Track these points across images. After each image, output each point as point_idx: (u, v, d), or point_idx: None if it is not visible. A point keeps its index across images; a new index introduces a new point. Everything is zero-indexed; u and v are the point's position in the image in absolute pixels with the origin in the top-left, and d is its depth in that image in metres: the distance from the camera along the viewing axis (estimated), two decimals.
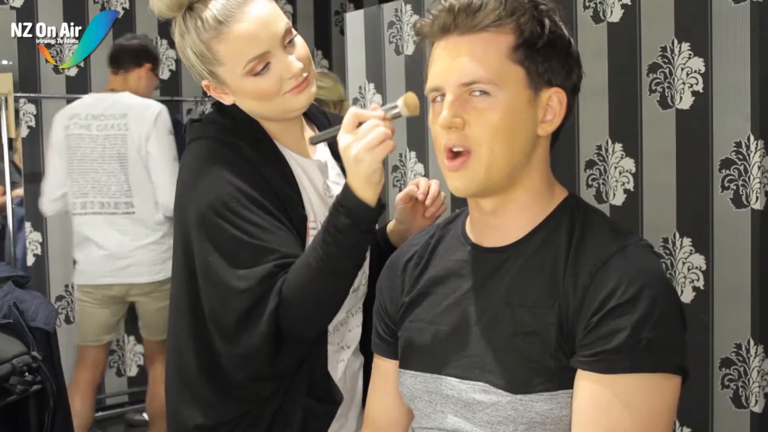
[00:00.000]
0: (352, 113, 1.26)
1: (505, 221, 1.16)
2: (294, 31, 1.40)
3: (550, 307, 1.08)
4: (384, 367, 1.29)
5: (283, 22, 1.38)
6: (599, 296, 1.04)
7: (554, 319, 1.07)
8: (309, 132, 1.53)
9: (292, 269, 1.31)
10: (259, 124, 1.43)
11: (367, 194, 1.26)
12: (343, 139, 1.26)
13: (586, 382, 1.03)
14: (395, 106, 1.25)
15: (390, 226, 1.61)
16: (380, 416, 1.30)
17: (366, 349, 1.52)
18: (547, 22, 1.09)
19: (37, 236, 4.23)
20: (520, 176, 1.13)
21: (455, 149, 1.10)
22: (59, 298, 4.29)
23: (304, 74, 1.39)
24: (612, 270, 1.05)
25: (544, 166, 1.16)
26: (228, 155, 1.36)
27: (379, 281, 1.32)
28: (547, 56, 1.09)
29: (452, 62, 1.09)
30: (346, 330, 1.54)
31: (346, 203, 1.27)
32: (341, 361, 1.50)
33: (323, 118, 1.59)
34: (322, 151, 1.53)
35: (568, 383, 1.06)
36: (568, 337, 1.06)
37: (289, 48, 1.38)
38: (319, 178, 1.47)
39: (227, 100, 1.42)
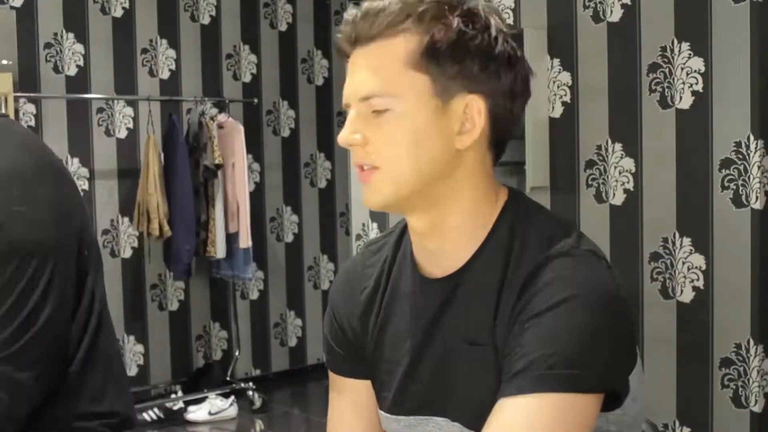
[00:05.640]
0: None
1: (443, 246, 1.06)
2: None
3: (496, 337, 1.00)
4: (356, 389, 1.19)
5: None
6: (523, 317, 0.97)
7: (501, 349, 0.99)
8: None
9: None
10: None
11: None
12: None
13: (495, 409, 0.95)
14: None
15: None
16: None
17: None
18: (455, 21, 0.98)
19: None
20: (443, 195, 1.02)
21: (365, 166, 1.02)
22: None
23: None
24: (534, 291, 0.97)
25: (475, 182, 1.03)
26: None
27: (333, 298, 1.20)
28: (458, 59, 0.98)
29: (353, 76, 1.02)
30: None
31: None
32: None
33: None
34: None
35: None
36: None
37: None
38: None
39: None
